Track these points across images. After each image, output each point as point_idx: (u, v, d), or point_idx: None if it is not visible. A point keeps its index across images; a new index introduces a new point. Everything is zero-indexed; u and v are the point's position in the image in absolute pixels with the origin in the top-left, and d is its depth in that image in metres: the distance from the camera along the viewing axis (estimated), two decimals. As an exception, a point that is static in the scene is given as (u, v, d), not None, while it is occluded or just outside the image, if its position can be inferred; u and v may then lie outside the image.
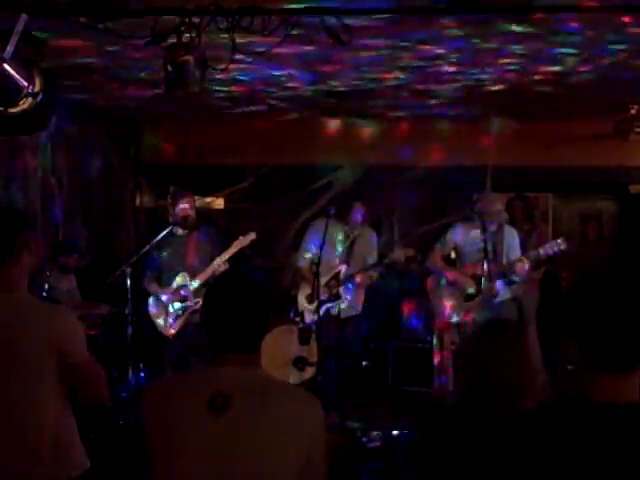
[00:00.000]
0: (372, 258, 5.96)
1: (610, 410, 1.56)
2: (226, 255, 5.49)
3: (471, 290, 5.69)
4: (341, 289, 5.84)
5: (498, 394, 2.26)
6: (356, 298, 5.95)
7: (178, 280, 5.58)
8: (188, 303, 5.53)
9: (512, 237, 5.84)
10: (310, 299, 5.78)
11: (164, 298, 5.61)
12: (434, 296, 5.99)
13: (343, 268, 5.84)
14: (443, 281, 5.87)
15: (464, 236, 5.83)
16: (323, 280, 5.70)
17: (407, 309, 7.32)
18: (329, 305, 5.78)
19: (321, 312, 5.60)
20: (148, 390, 2.16)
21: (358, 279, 5.87)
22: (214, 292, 2.13)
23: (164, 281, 5.66)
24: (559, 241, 5.64)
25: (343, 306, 5.85)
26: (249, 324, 2.05)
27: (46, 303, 3.07)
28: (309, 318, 5.77)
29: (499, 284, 5.69)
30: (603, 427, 1.55)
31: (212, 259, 5.52)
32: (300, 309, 5.90)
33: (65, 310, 2.59)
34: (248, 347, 2.06)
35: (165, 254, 5.67)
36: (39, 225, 6.14)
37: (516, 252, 5.77)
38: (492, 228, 5.71)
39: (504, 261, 5.69)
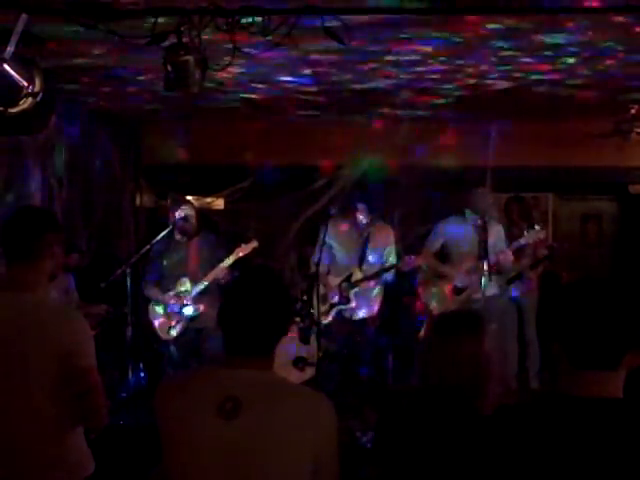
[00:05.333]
0: (392, 256, 5.92)
1: (594, 404, 1.58)
2: (228, 262, 5.49)
3: (460, 284, 5.76)
4: (351, 293, 5.83)
5: (448, 387, 2.24)
6: (369, 301, 5.91)
7: (179, 286, 5.62)
8: (188, 308, 5.57)
9: (498, 233, 5.90)
10: (324, 300, 5.79)
11: (165, 304, 5.67)
12: (426, 291, 6.01)
13: (357, 271, 5.84)
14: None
15: (454, 231, 5.90)
16: (336, 281, 5.80)
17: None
18: (340, 307, 5.82)
19: (333, 314, 5.73)
20: (159, 389, 2.11)
21: (367, 283, 5.85)
22: (234, 292, 2.07)
23: (165, 287, 5.71)
24: (537, 228, 5.82)
25: (358, 309, 5.87)
26: (268, 328, 2.00)
27: (60, 305, 3.06)
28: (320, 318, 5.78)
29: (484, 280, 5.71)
30: (587, 421, 1.57)
31: (213, 265, 5.54)
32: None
33: (79, 314, 2.59)
34: (264, 351, 2.01)
35: (166, 261, 5.72)
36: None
37: (502, 247, 5.84)
38: (478, 223, 5.74)
39: (491, 257, 5.68)
